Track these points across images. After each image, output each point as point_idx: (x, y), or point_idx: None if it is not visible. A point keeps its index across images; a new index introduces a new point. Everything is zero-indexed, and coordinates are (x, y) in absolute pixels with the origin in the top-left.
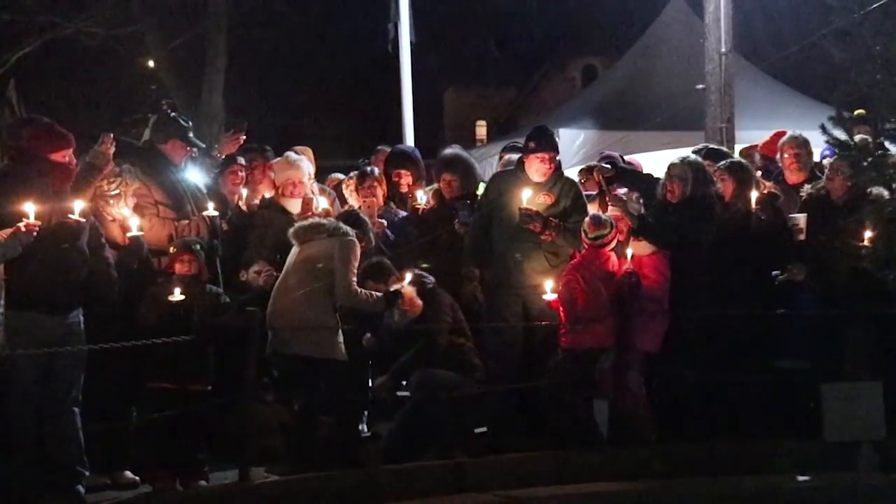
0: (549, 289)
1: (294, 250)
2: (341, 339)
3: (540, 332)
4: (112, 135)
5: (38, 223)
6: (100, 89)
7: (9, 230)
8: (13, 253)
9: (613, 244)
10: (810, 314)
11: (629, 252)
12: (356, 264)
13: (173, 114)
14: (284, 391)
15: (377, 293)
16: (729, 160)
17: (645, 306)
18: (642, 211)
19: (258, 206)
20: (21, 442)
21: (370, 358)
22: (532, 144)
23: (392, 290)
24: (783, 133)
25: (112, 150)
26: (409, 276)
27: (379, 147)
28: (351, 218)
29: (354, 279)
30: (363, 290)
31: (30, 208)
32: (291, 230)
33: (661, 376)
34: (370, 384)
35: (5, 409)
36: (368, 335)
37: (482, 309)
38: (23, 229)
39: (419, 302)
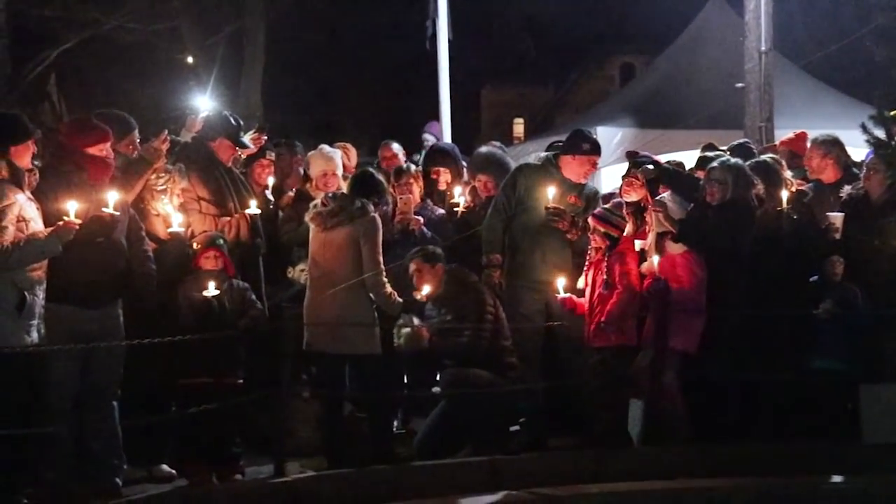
0: (561, 287)
1: (314, 234)
2: (378, 333)
3: (563, 329)
4: (167, 131)
5: (79, 221)
6: (138, 85)
7: (49, 229)
8: (53, 251)
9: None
10: (848, 314)
11: (656, 258)
12: (380, 240)
13: (225, 112)
14: (321, 386)
15: (399, 300)
16: (755, 160)
17: (680, 306)
18: (684, 214)
19: (292, 199)
20: (59, 435)
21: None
22: (587, 146)
23: (414, 300)
24: (805, 134)
25: (167, 146)
26: (427, 289)
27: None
28: (364, 183)
29: (381, 260)
30: (391, 291)
31: (72, 206)
32: (309, 214)
33: (698, 376)
34: (405, 380)
35: (44, 403)
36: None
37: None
38: (63, 228)
39: (426, 340)
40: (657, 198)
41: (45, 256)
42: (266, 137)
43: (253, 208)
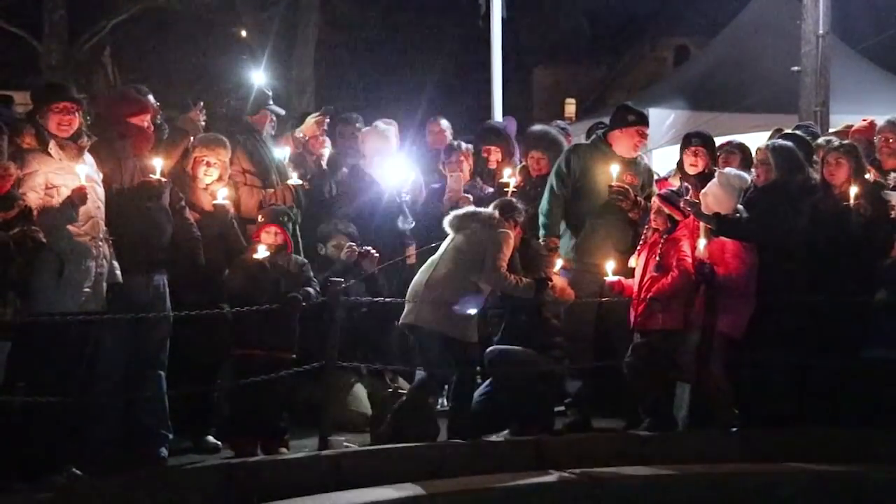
0: (610, 270)
1: (448, 238)
2: (475, 322)
3: (616, 311)
4: (202, 103)
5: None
6: (192, 57)
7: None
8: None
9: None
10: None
11: (702, 242)
12: (508, 253)
13: (257, 85)
14: (411, 363)
15: (526, 279)
16: (845, 142)
17: (728, 291)
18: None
19: (347, 175)
20: (107, 404)
21: None
22: (633, 117)
23: (541, 277)
24: (874, 122)
25: (202, 117)
26: (559, 263)
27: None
28: (507, 206)
29: (504, 265)
30: (513, 275)
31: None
32: (447, 219)
33: (746, 362)
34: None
35: (93, 371)
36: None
37: None
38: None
39: (571, 291)
40: (687, 199)
41: (62, 223)
42: (329, 119)
43: (294, 179)
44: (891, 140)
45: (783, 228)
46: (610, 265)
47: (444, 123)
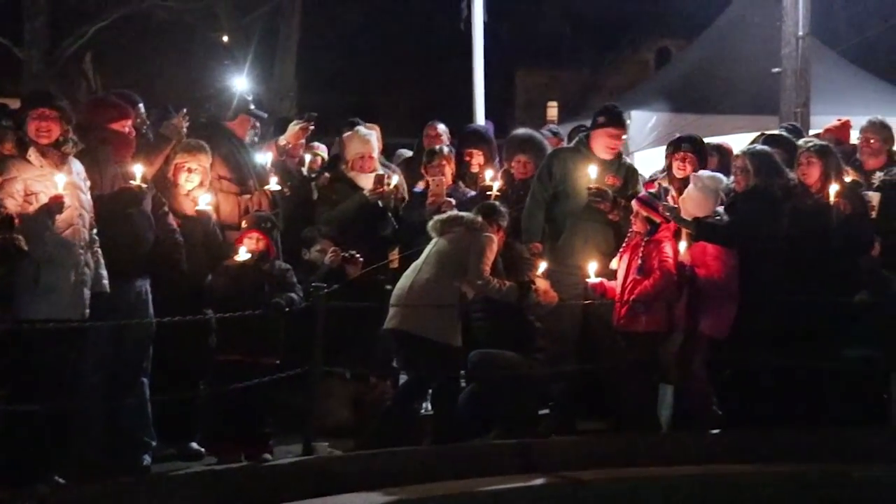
0: (592, 272)
1: (431, 242)
2: (459, 325)
3: (600, 313)
4: (185, 110)
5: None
6: (174, 64)
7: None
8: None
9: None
10: (886, 303)
11: (683, 245)
12: (491, 257)
13: (237, 90)
14: (394, 368)
15: (509, 282)
16: (818, 142)
17: (710, 293)
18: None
19: (329, 180)
20: (89, 411)
21: None
22: (602, 119)
23: (525, 280)
24: (849, 122)
25: (185, 124)
26: (542, 266)
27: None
28: (490, 210)
29: (488, 269)
30: (496, 279)
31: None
32: (430, 223)
33: (729, 363)
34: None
35: (75, 379)
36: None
37: None
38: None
39: (554, 294)
40: (663, 205)
41: (39, 231)
42: (313, 126)
43: (273, 184)
44: (871, 140)
45: (763, 234)
46: (592, 266)
47: (442, 128)
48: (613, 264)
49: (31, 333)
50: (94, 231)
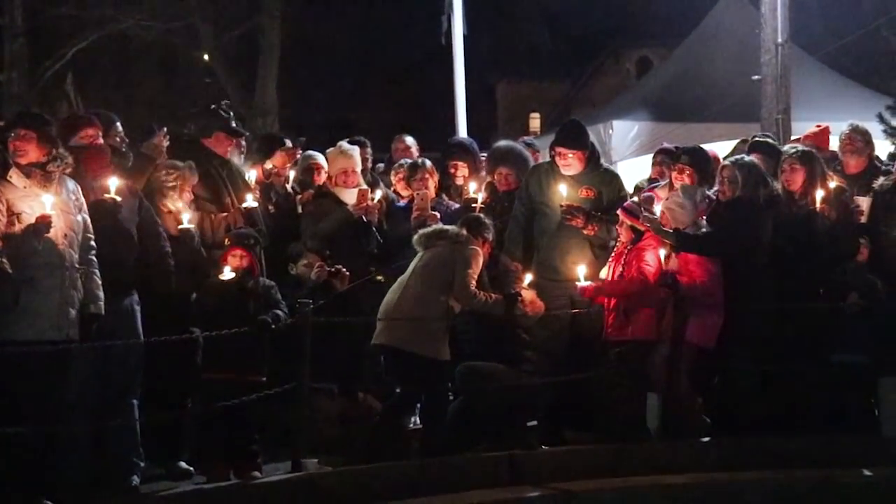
0: (582, 276)
1: (417, 256)
2: (447, 340)
3: (587, 323)
4: (166, 129)
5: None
6: (155, 82)
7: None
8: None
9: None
10: (876, 307)
11: (662, 252)
12: (477, 270)
13: (213, 106)
14: (384, 383)
15: (496, 294)
16: (801, 148)
17: (695, 300)
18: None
19: (312, 196)
20: (77, 432)
21: None
22: (555, 137)
23: (511, 292)
24: (828, 128)
25: (165, 143)
26: (528, 277)
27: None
28: (475, 223)
29: (474, 282)
30: (482, 293)
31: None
32: (415, 237)
33: (716, 371)
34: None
35: (60, 400)
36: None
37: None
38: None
39: (541, 304)
40: (645, 215)
41: (24, 252)
42: (301, 151)
43: (249, 202)
44: (854, 138)
45: (744, 244)
46: (581, 270)
47: (410, 140)
48: (602, 273)
49: (10, 356)
50: (93, 252)
